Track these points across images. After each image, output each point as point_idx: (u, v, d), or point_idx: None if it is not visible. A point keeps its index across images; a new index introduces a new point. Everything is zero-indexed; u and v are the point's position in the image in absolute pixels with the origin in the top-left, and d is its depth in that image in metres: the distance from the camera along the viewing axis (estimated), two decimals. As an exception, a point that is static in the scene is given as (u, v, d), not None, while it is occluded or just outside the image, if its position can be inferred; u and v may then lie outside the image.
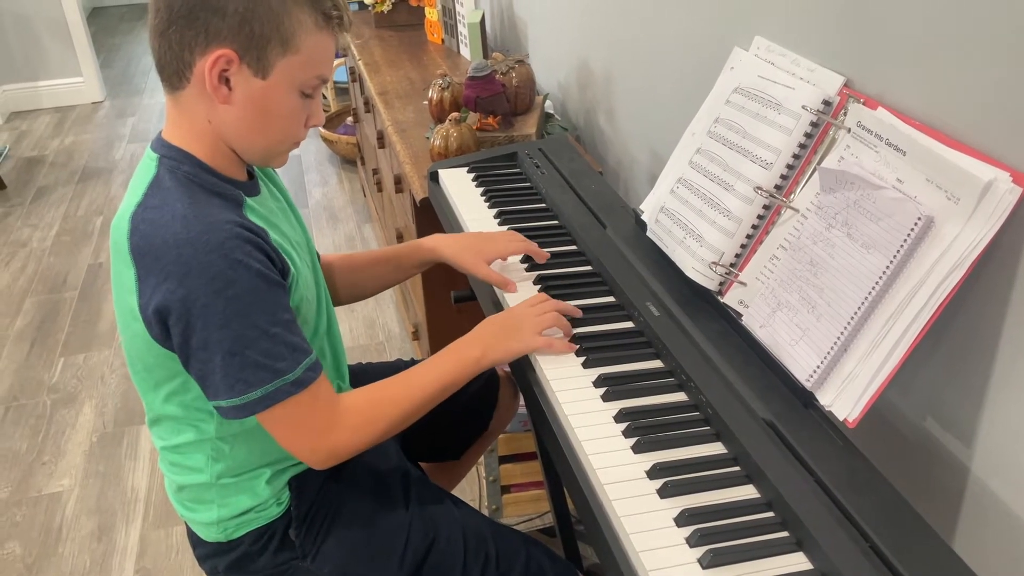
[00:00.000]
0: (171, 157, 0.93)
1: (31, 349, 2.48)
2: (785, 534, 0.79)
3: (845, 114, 0.96)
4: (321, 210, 3.21)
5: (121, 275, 0.91)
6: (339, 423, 0.96)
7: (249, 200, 0.98)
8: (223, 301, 0.86)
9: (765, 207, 1.03)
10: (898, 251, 0.84)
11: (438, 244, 1.23)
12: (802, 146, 1.00)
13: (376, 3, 2.72)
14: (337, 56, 3.61)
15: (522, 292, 1.17)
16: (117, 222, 0.92)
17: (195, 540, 1.08)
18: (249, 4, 0.87)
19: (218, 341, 0.87)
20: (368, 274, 1.28)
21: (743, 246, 1.05)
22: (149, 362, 0.95)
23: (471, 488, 1.84)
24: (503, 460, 1.67)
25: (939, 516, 0.94)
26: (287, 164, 1.03)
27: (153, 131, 4.00)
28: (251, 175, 1.02)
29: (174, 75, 0.91)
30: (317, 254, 1.22)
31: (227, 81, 0.90)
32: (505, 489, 1.70)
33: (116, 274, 0.93)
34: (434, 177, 1.53)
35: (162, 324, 0.89)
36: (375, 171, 2.60)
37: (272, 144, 0.97)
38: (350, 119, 3.42)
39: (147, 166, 0.94)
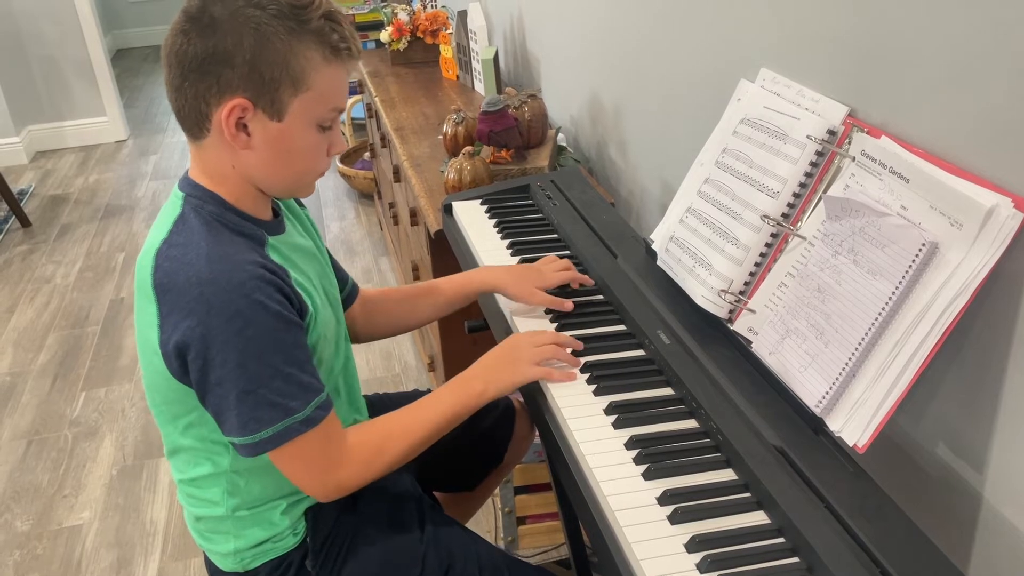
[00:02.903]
0: (196, 196, 0.96)
1: (53, 383, 2.52)
2: (795, 560, 0.79)
3: (849, 143, 0.98)
4: (339, 244, 3.24)
5: (144, 310, 0.94)
6: (346, 459, 0.98)
7: (272, 239, 1.00)
8: (241, 340, 0.89)
9: (773, 235, 1.04)
10: (903, 277, 0.85)
11: (492, 276, 1.24)
12: (808, 175, 1.01)
13: (392, 41, 2.78)
14: (354, 92, 3.68)
15: (535, 321, 1.18)
16: (142, 258, 0.95)
17: (213, 570, 1.09)
18: (256, 50, 0.89)
19: (234, 379, 0.89)
20: (415, 305, 1.28)
21: (752, 274, 1.06)
22: (168, 395, 0.97)
23: (487, 519, 1.84)
24: (518, 491, 1.67)
25: (952, 543, 0.94)
26: (308, 197, 1.05)
27: (175, 169, 4.08)
28: (276, 213, 1.04)
29: (194, 126, 0.94)
30: (356, 287, 1.23)
31: (245, 127, 0.92)
32: (520, 520, 1.70)
33: (139, 309, 0.96)
34: (448, 210, 1.56)
35: (181, 360, 0.91)
36: (391, 205, 2.64)
37: (297, 178, 0.99)
38: (367, 154, 3.47)
39: (173, 204, 0.97)
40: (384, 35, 2.80)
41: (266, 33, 0.89)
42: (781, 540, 0.81)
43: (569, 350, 1.08)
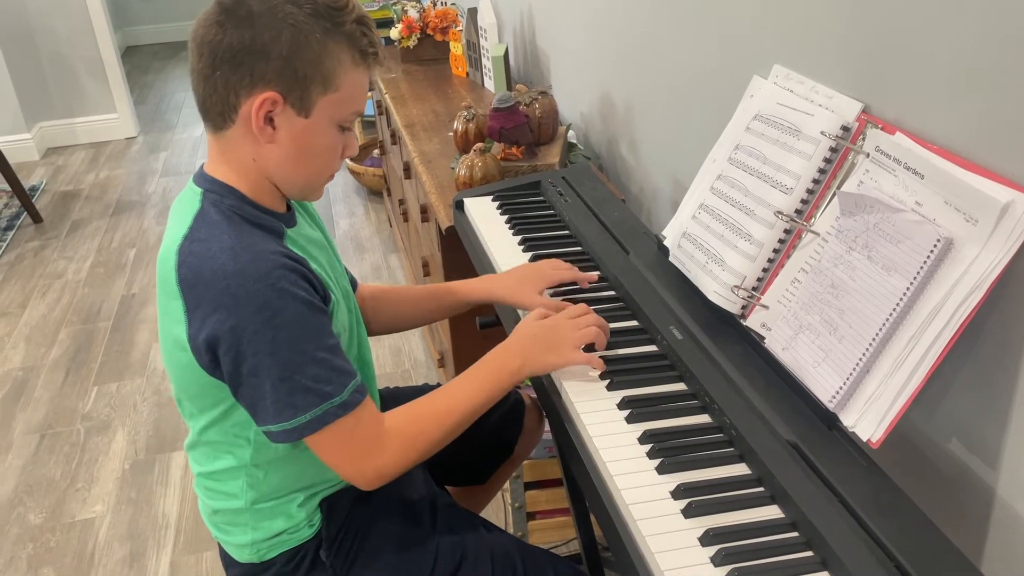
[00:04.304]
0: (214, 191, 0.97)
1: (66, 378, 2.53)
2: (809, 554, 0.80)
3: (864, 139, 0.98)
4: (348, 241, 3.25)
5: (168, 307, 0.94)
6: (384, 444, 0.97)
7: (288, 231, 1.01)
8: (271, 330, 0.89)
9: (786, 231, 1.04)
10: (918, 273, 0.85)
11: (495, 287, 1.25)
12: (822, 171, 1.02)
13: (402, 38, 2.79)
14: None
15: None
16: (163, 255, 0.95)
17: (228, 561, 1.10)
18: (292, 47, 0.91)
19: (268, 368, 0.90)
20: (414, 308, 1.31)
21: (765, 270, 1.06)
22: (193, 390, 0.98)
23: (496, 515, 1.85)
24: (528, 486, 1.67)
25: (966, 539, 0.94)
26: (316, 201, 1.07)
27: (185, 165, 4.09)
28: (288, 207, 1.05)
29: (218, 116, 0.95)
30: (356, 282, 1.25)
31: (271, 121, 0.93)
32: (531, 516, 1.71)
33: (163, 305, 0.96)
34: (459, 206, 1.56)
35: (212, 354, 0.92)
36: (401, 202, 2.65)
37: (312, 178, 1.01)
38: (376, 151, 3.48)
39: (191, 199, 0.98)
40: (394, 32, 2.81)
41: (303, 30, 0.91)
42: (795, 534, 0.82)
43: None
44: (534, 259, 1.33)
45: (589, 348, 1.07)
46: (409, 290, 1.32)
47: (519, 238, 1.41)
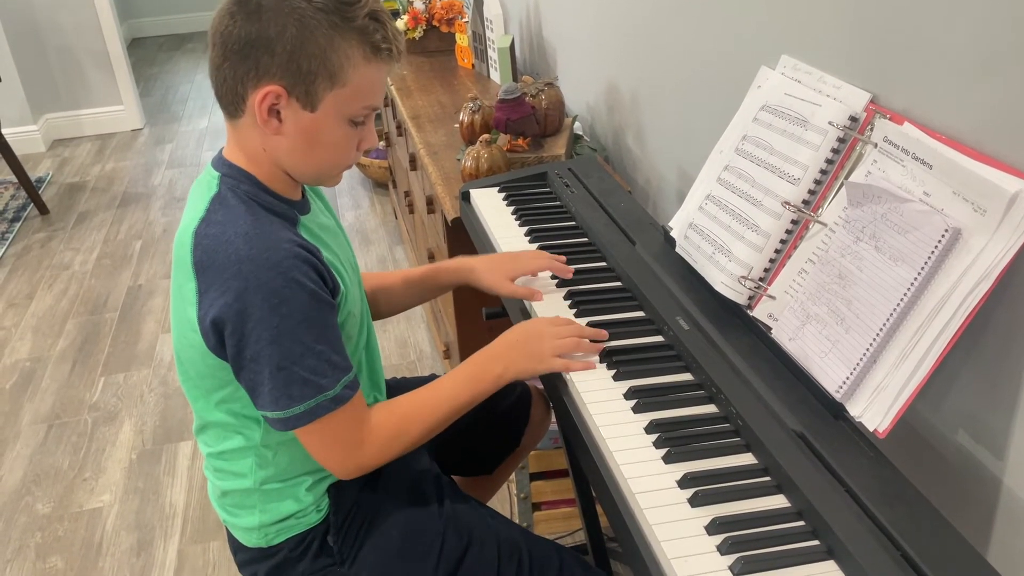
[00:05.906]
0: (232, 176, 0.98)
1: (73, 369, 2.54)
2: (816, 543, 0.80)
3: (871, 129, 0.98)
4: (354, 232, 3.26)
5: (182, 287, 0.96)
6: (368, 439, 1.00)
7: (302, 218, 1.03)
8: (277, 317, 0.91)
9: (793, 222, 1.04)
10: (926, 263, 0.85)
11: (464, 265, 1.27)
12: (829, 161, 1.01)
13: (408, 30, 2.78)
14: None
15: (552, 306, 1.19)
16: (180, 236, 0.97)
17: (236, 546, 1.11)
18: (297, 41, 0.91)
19: (268, 355, 0.92)
20: (398, 293, 1.31)
21: (772, 260, 1.06)
22: (202, 371, 1.00)
23: (502, 506, 1.85)
24: (534, 477, 1.68)
25: (972, 528, 0.94)
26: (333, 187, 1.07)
27: (190, 157, 4.10)
28: (303, 194, 1.06)
29: (230, 105, 0.96)
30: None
31: (277, 113, 0.94)
32: (536, 506, 1.71)
33: (176, 286, 0.98)
34: (465, 197, 1.56)
35: (218, 335, 0.93)
36: (407, 193, 2.65)
37: (323, 169, 1.01)
38: (382, 143, 3.48)
39: (208, 183, 0.99)
40: (400, 24, 2.81)
41: (309, 25, 0.91)
42: (801, 523, 0.82)
43: (590, 339, 1.08)
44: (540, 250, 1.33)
45: None
46: (400, 278, 1.31)
47: (525, 229, 1.41)
